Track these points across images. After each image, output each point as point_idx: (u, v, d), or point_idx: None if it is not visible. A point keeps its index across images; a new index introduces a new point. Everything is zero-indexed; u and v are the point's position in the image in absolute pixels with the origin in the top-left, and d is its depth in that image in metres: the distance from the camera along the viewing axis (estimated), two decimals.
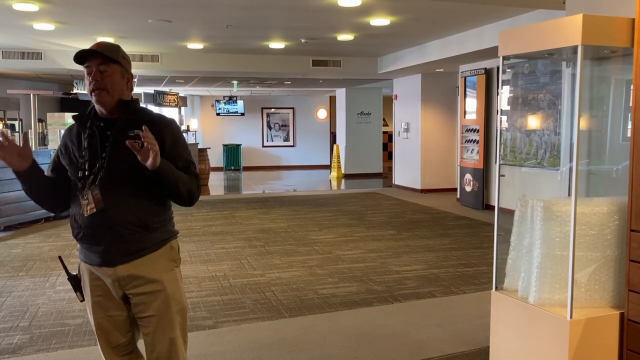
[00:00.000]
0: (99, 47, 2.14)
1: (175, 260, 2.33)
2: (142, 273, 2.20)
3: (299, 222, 8.60)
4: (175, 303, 2.26)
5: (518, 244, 3.16)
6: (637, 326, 2.74)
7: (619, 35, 2.74)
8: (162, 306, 2.23)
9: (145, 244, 2.20)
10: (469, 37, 8.62)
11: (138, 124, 2.07)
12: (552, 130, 8.03)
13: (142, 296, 2.22)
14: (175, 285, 2.28)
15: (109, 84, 2.14)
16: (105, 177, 2.13)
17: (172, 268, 2.29)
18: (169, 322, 2.25)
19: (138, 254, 2.19)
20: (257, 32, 8.54)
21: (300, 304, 4.70)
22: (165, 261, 2.27)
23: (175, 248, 2.34)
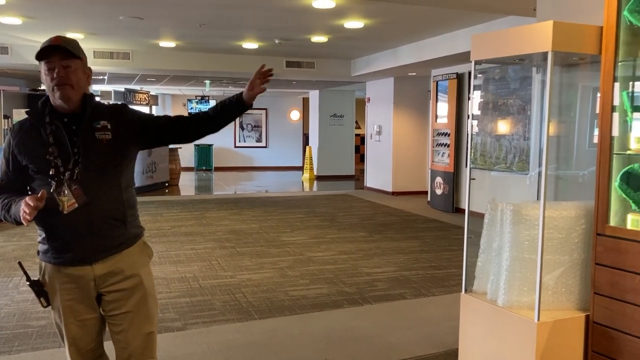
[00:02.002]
0: (62, 42, 2.09)
1: (149, 255, 2.35)
2: (121, 269, 2.19)
3: (270, 224, 8.56)
4: (151, 297, 2.27)
5: (487, 247, 3.19)
6: (601, 328, 2.79)
7: (587, 43, 2.79)
8: (139, 301, 2.22)
9: (122, 238, 2.20)
10: (441, 41, 8.71)
11: (101, 116, 2.16)
12: (521, 135, 8.15)
13: (120, 292, 2.19)
14: (150, 280, 2.30)
15: (73, 80, 2.11)
16: (82, 172, 2.11)
17: (146, 263, 2.31)
18: (146, 316, 2.25)
19: (116, 249, 2.18)
20: (230, 32, 8.48)
21: (271, 305, 4.67)
22: (142, 256, 2.29)
23: (147, 243, 2.37)
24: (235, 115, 2.36)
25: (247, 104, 2.32)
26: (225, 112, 2.35)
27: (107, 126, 2.16)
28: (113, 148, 2.16)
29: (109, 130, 2.16)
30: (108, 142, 2.15)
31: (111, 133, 2.16)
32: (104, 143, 2.14)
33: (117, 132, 2.18)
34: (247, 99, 2.31)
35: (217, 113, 2.34)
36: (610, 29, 2.71)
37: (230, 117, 2.36)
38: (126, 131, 2.21)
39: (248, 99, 2.31)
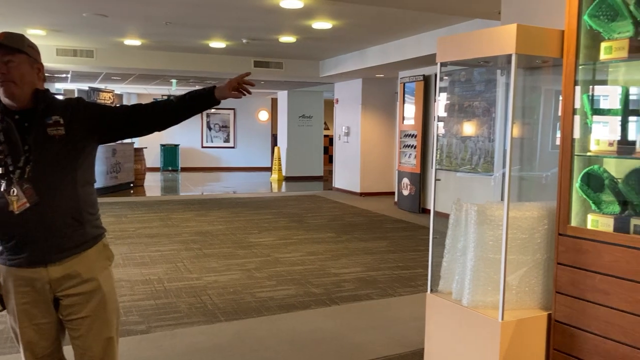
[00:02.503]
0: (2, 38, 2.01)
1: (109, 258, 2.26)
2: (78, 272, 2.11)
3: (238, 225, 8.49)
4: (111, 302, 2.20)
5: (453, 247, 3.22)
6: (563, 327, 2.84)
7: (549, 46, 2.84)
8: (98, 306, 2.15)
9: (79, 239, 2.12)
10: (408, 44, 8.78)
11: (54, 111, 2.08)
12: (486, 137, 8.28)
13: (77, 297, 2.12)
14: (110, 284, 2.22)
15: (16, 76, 2.03)
16: (34, 170, 2.03)
17: (106, 266, 2.23)
18: (105, 321, 2.18)
19: (72, 250, 2.10)
20: (197, 31, 8.39)
21: (237, 307, 4.63)
22: (100, 259, 2.20)
23: (107, 245, 2.28)
24: (202, 108, 2.30)
25: (216, 100, 2.26)
26: (193, 104, 2.27)
27: (59, 121, 2.08)
28: (66, 144, 2.09)
29: (61, 125, 2.08)
30: (61, 137, 2.08)
31: (64, 128, 2.08)
32: (57, 139, 2.07)
33: (70, 127, 2.11)
34: (218, 96, 2.25)
35: (183, 103, 2.26)
36: (571, 32, 2.76)
37: (197, 110, 2.29)
38: (81, 126, 2.14)
39: (219, 96, 2.25)
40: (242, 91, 2.28)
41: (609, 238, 2.63)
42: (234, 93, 2.26)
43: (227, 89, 2.25)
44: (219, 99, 2.25)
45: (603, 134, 2.81)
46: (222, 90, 2.25)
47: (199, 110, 2.30)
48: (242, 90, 2.28)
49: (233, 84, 2.26)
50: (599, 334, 2.67)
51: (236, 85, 2.26)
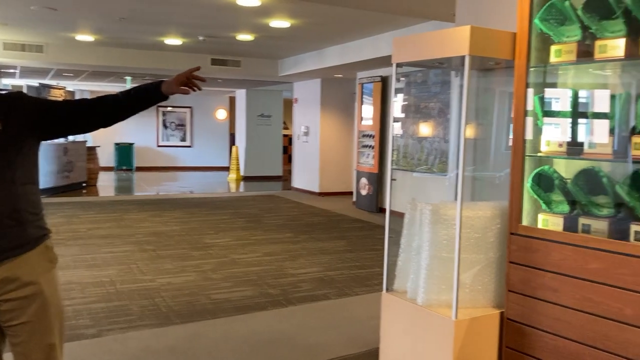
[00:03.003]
0: None
1: (52, 260, 2.14)
2: (17, 275, 1.99)
3: (194, 225, 8.36)
4: (53, 306, 2.08)
5: (407, 246, 3.24)
6: (515, 324, 2.89)
7: (502, 48, 2.89)
8: (39, 311, 2.03)
9: (18, 240, 2.00)
10: (366, 44, 8.83)
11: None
12: (442, 138, 8.41)
13: (16, 301, 2.00)
14: (53, 288, 2.10)
15: None
16: None
17: (49, 269, 2.11)
18: (46, 327, 2.06)
19: (11, 252, 1.98)
20: (152, 27, 8.22)
21: (192, 309, 4.54)
22: (43, 261, 2.09)
23: (51, 247, 2.16)
24: (148, 104, 2.19)
25: (163, 96, 2.17)
26: (139, 100, 2.17)
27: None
28: (4, 140, 1.96)
29: None
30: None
31: (1, 124, 1.96)
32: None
33: (8, 123, 1.98)
34: (165, 91, 2.15)
35: (129, 98, 2.16)
36: (523, 35, 2.81)
37: (143, 105, 2.19)
38: (19, 122, 2.01)
39: (167, 91, 2.16)
40: (190, 87, 2.20)
41: (559, 237, 2.69)
42: (182, 88, 2.18)
43: (175, 84, 2.16)
44: (167, 94, 2.16)
45: (553, 135, 2.87)
46: (169, 85, 2.16)
47: (145, 106, 2.20)
48: (191, 86, 2.20)
49: (181, 79, 2.17)
50: (549, 331, 2.73)
51: (184, 80, 2.17)
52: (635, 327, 2.39)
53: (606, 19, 2.62)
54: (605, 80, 2.93)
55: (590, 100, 2.91)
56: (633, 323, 2.40)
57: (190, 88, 2.20)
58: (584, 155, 2.74)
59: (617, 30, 2.57)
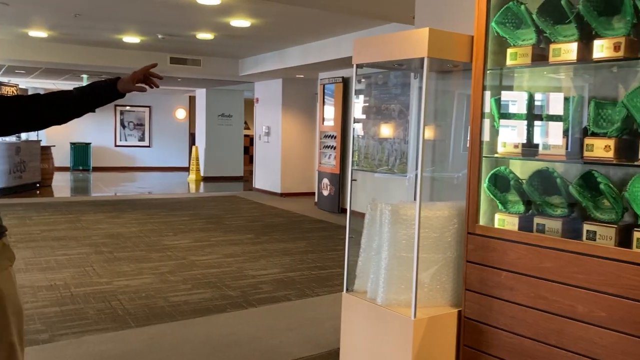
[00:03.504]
0: None
1: (9, 258, 2.08)
2: None
3: (152, 227, 8.21)
4: (11, 305, 2.01)
5: (368, 246, 3.25)
6: (472, 323, 2.94)
7: (460, 51, 2.93)
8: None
9: None
10: (327, 45, 8.85)
11: None
12: (402, 139, 8.48)
13: None
14: (10, 286, 2.03)
15: None
16: None
17: (6, 267, 2.04)
18: (5, 326, 1.99)
19: None
20: (109, 24, 8.03)
21: (150, 312, 4.45)
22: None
23: (7, 245, 2.09)
24: (104, 101, 2.14)
25: (119, 93, 2.12)
26: (94, 97, 2.12)
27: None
28: None
29: None
30: None
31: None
32: None
33: None
34: (121, 89, 2.11)
35: (84, 95, 2.10)
36: (480, 38, 2.86)
37: (98, 102, 2.14)
38: None
39: (123, 89, 2.12)
40: (148, 84, 2.16)
41: (514, 236, 2.74)
42: (139, 86, 2.14)
43: (131, 82, 2.12)
44: (123, 92, 2.12)
45: (509, 136, 2.93)
46: (125, 82, 2.12)
47: (100, 103, 2.15)
48: (148, 83, 2.16)
49: (138, 76, 2.13)
50: (505, 329, 2.78)
51: (141, 78, 2.13)
52: (587, 323, 2.46)
53: (560, 24, 2.69)
54: (559, 83, 3.01)
55: (545, 102, 2.99)
56: (584, 320, 2.46)
57: (147, 85, 2.16)
58: (539, 156, 2.81)
59: (570, 35, 2.64)
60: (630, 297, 2.31)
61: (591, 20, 2.55)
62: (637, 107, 2.46)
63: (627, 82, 2.66)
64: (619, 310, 2.35)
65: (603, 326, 2.40)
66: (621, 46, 2.43)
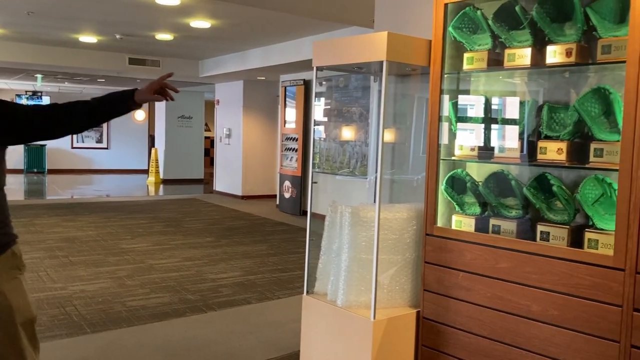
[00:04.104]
0: None
1: (19, 267, 2.08)
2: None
3: (109, 230, 8.03)
4: (20, 315, 2.00)
5: (328, 248, 3.26)
6: (430, 323, 2.97)
7: (418, 55, 2.97)
8: (5, 321, 1.97)
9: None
10: (288, 47, 8.84)
11: None
12: (363, 142, 8.53)
13: None
14: (20, 296, 2.03)
15: None
16: None
17: (15, 276, 2.04)
18: (13, 337, 2.00)
19: None
20: (64, 23, 7.82)
21: (106, 318, 4.35)
22: (7, 270, 2.02)
23: (18, 254, 2.08)
24: (121, 112, 2.17)
25: (136, 104, 2.16)
26: (111, 107, 2.15)
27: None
28: None
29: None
30: None
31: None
32: None
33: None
34: (138, 99, 2.15)
35: (101, 106, 2.13)
36: (437, 43, 2.90)
37: (115, 113, 2.17)
38: None
39: (140, 99, 2.15)
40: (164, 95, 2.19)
41: (471, 237, 2.79)
42: (156, 96, 2.18)
43: (148, 92, 2.16)
44: (140, 102, 2.16)
45: (466, 139, 2.98)
46: (142, 93, 2.15)
47: (117, 114, 2.17)
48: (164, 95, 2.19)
49: (154, 87, 2.17)
50: (462, 328, 2.83)
51: (157, 88, 2.17)
52: (541, 322, 2.52)
53: (514, 29, 2.75)
54: (514, 87, 3.08)
55: (501, 106, 3.05)
56: (539, 319, 2.52)
57: (163, 96, 2.20)
58: (494, 159, 2.87)
59: (524, 40, 2.71)
60: (581, 296, 2.38)
61: (544, 27, 2.63)
62: (587, 112, 2.54)
63: (578, 87, 2.74)
64: (571, 309, 2.41)
65: (556, 325, 2.47)
66: (573, 52, 2.51)
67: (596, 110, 2.55)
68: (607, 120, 2.53)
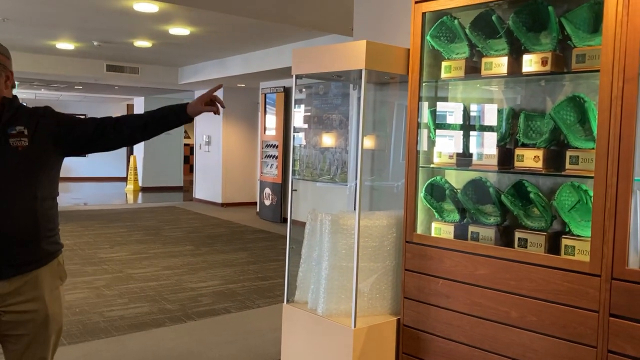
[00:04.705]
0: None
1: (62, 277, 2.17)
2: (25, 290, 2.01)
3: (87, 239, 7.92)
4: (54, 323, 2.09)
5: (308, 256, 3.25)
6: (410, 330, 2.98)
7: (397, 63, 2.98)
8: (39, 326, 2.05)
9: (33, 256, 2.02)
10: (268, 55, 8.84)
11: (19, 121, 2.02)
12: (343, 149, 8.56)
13: (19, 314, 2.01)
14: (57, 305, 2.12)
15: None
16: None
17: (57, 286, 2.13)
18: (43, 342, 2.07)
19: (24, 267, 2.00)
20: (41, 30, 7.72)
21: (83, 329, 4.28)
22: (51, 278, 2.10)
23: (62, 263, 2.17)
24: (173, 125, 2.23)
25: (189, 117, 2.21)
26: (165, 120, 2.20)
27: (23, 132, 2.00)
28: (29, 156, 1.99)
29: (25, 136, 2.00)
30: (24, 149, 1.99)
31: (28, 140, 2.00)
32: (19, 151, 1.98)
33: (34, 138, 2.02)
34: (190, 112, 2.19)
35: (154, 120, 2.19)
36: (416, 51, 2.93)
37: (167, 126, 2.22)
38: (45, 137, 2.06)
39: (192, 112, 2.20)
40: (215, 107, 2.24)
41: (450, 244, 2.81)
42: (208, 107, 2.22)
43: (200, 104, 2.21)
44: (192, 116, 2.20)
45: (444, 147, 3.01)
46: (194, 106, 2.20)
47: (169, 127, 2.22)
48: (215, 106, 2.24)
49: (205, 99, 2.22)
50: (442, 335, 2.84)
51: (208, 100, 2.22)
52: (519, 328, 2.54)
53: (491, 38, 2.79)
54: (491, 95, 3.11)
55: (478, 114, 3.08)
56: (517, 325, 2.54)
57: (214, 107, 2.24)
58: (473, 166, 2.89)
59: (500, 49, 2.74)
60: (559, 302, 2.41)
61: (520, 36, 2.66)
62: (563, 120, 2.58)
63: (554, 95, 2.78)
64: (549, 315, 2.44)
65: (534, 330, 2.49)
66: (548, 61, 2.54)
67: (571, 118, 2.59)
68: (582, 128, 2.57)
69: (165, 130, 2.24)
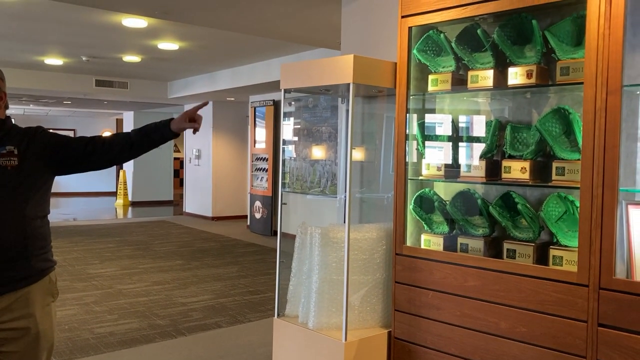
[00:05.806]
0: None
1: (53, 294, 2.18)
2: (15, 307, 2.02)
3: (76, 255, 7.86)
4: (45, 340, 2.10)
5: (299, 270, 3.25)
6: (401, 343, 2.98)
7: (384, 77, 3.01)
8: (29, 343, 2.06)
9: (23, 273, 2.03)
10: (257, 68, 8.87)
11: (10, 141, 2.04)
12: (332, 161, 8.57)
13: (9, 331, 2.02)
14: (48, 322, 2.12)
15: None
16: None
17: (48, 303, 2.14)
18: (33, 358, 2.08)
19: (14, 285, 2.01)
20: (29, 46, 7.71)
21: (73, 346, 4.24)
22: (43, 295, 2.11)
23: (54, 280, 2.19)
24: (159, 142, 2.25)
25: (173, 133, 2.24)
26: (149, 139, 2.23)
27: (13, 152, 2.03)
28: (18, 175, 2.02)
29: (15, 156, 2.03)
30: (14, 169, 2.02)
31: (17, 159, 2.03)
32: (8, 170, 2.01)
33: (24, 157, 2.05)
34: (174, 128, 2.23)
35: (141, 137, 2.22)
36: (403, 65, 2.95)
37: (154, 143, 2.25)
38: (35, 157, 2.06)
39: (176, 128, 2.23)
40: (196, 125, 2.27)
41: (440, 256, 2.82)
42: (192, 124, 2.26)
43: (185, 120, 2.24)
44: (177, 132, 2.24)
45: (433, 159, 3.03)
46: (178, 121, 2.24)
47: (156, 144, 2.26)
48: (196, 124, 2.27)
49: (190, 115, 2.25)
50: (433, 347, 2.84)
51: (193, 117, 2.26)
52: (510, 339, 2.55)
53: (477, 52, 2.82)
54: (478, 107, 3.14)
55: (466, 126, 3.11)
56: (508, 336, 2.55)
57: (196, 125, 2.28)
58: (461, 178, 2.91)
59: (486, 62, 2.78)
60: (548, 312, 2.42)
61: (505, 49, 2.70)
62: (549, 131, 2.61)
63: (539, 107, 2.82)
64: (539, 325, 2.45)
65: (524, 341, 2.50)
66: (533, 74, 2.58)
67: (557, 129, 2.62)
68: (568, 140, 2.60)
69: (152, 148, 2.27)
